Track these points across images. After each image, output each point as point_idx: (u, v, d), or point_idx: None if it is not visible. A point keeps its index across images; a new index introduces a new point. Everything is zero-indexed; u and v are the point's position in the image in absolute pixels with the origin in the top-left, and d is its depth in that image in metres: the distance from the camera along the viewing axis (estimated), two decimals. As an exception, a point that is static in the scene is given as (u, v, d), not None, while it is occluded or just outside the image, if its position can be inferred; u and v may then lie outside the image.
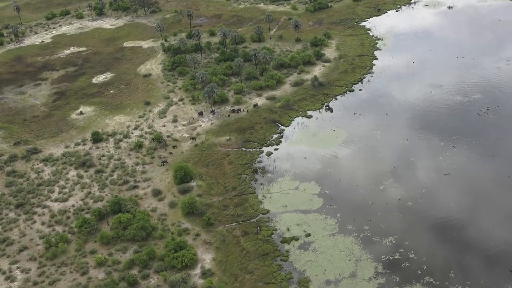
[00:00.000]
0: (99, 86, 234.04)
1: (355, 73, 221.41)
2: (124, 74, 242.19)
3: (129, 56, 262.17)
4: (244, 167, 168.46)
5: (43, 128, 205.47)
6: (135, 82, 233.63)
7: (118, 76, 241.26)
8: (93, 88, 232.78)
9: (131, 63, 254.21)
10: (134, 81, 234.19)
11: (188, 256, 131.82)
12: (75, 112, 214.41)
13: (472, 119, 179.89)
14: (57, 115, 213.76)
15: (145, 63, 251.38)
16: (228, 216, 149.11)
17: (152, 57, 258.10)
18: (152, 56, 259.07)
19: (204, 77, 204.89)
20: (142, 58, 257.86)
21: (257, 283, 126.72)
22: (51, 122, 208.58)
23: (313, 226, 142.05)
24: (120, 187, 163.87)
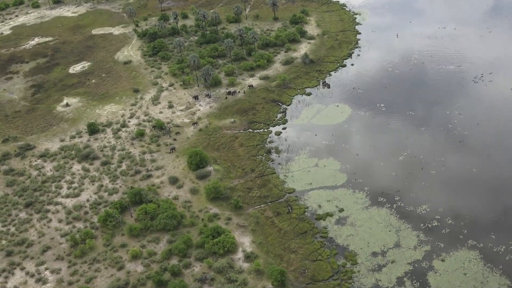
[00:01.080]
0: (78, 76, 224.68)
1: (343, 48, 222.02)
2: (102, 62, 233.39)
3: (101, 44, 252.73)
4: (257, 148, 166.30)
5: (30, 123, 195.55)
6: (116, 69, 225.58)
7: (96, 64, 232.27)
8: (72, 78, 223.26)
9: (106, 50, 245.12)
10: (115, 69, 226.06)
11: (228, 241, 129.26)
12: (60, 104, 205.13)
13: (470, 87, 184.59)
14: (41, 108, 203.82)
15: (122, 50, 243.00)
16: (255, 198, 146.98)
17: (127, 43, 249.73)
18: (126, 42, 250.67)
19: (197, 61, 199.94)
20: (117, 45, 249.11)
21: (304, 262, 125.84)
22: (37, 116, 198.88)
23: (343, 201, 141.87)
24: (132, 178, 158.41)
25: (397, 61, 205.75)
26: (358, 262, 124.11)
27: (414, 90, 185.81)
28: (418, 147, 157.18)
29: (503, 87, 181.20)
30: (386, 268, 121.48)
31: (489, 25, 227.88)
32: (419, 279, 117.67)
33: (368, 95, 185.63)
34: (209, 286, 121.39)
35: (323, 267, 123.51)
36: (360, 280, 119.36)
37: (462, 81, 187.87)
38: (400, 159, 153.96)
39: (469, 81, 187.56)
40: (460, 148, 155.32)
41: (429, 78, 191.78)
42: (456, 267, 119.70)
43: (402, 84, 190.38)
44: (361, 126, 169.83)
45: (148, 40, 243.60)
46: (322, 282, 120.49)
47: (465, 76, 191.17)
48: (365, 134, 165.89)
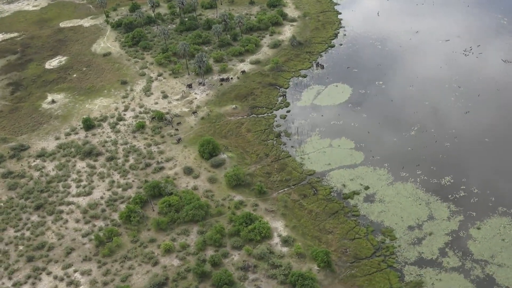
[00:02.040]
0: (57, 71, 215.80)
1: (327, 29, 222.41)
2: (80, 56, 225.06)
3: (74, 37, 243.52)
4: (265, 133, 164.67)
5: (16, 122, 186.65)
6: (96, 62, 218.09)
7: (74, 58, 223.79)
8: (51, 74, 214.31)
9: (80, 43, 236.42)
10: (95, 62, 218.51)
11: (264, 227, 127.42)
12: (44, 101, 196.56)
13: (462, 60, 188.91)
14: (25, 107, 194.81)
15: (97, 42, 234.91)
16: (276, 182, 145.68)
17: (101, 35, 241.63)
18: (100, 34, 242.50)
19: (187, 48, 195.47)
20: (90, 38, 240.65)
21: (342, 241, 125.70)
22: (22, 115, 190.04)
23: (367, 179, 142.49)
24: (144, 171, 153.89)
25: (384, 39, 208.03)
26: (396, 237, 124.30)
27: (407, 66, 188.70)
28: (427, 121, 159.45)
29: (494, 59, 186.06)
30: (426, 240, 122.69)
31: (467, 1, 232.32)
32: (460, 248, 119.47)
33: (364, 73, 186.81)
34: (253, 274, 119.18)
35: (363, 245, 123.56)
36: (403, 254, 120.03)
37: (453, 55, 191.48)
38: (412, 134, 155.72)
39: (460, 55, 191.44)
40: (467, 119, 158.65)
41: (420, 54, 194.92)
42: (492, 234, 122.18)
43: (395, 61, 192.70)
44: (365, 104, 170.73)
45: (124, 30, 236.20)
46: (366, 259, 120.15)
47: (455, 49, 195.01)
48: (371, 111, 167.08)
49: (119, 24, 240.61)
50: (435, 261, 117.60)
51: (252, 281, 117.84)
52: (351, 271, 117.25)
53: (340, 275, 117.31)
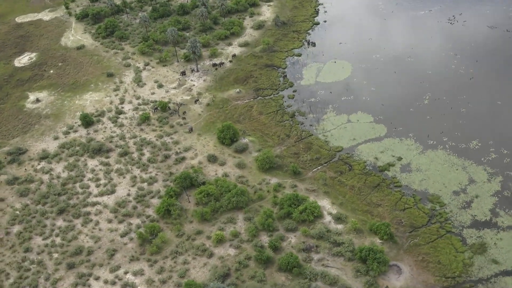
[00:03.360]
0: (30, 69, 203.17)
1: (306, 7, 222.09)
2: (50, 51, 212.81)
3: (36, 32, 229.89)
4: (278, 114, 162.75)
5: (3, 126, 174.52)
6: (71, 56, 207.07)
7: (45, 54, 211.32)
8: (24, 72, 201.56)
9: (45, 38, 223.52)
10: (70, 56, 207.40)
11: (315, 207, 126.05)
12: (27, 101, 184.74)
13: (450, 28, 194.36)
14: (6, 108, 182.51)
15: (64, 35, 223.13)
16: (307, 161, 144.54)
17: (66, 28, 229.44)
18: (65, 27, 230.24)
19: (175, 34, 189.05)
20: (55, 31, 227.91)
21: (394, 212, 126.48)
22: (7, 118, 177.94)
23: (396, 150, 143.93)
24: (165, 163, 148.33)
25: (366, 13, 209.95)
26: (445, 203, 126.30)
27: (398, 38, 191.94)
28: (437, 90, 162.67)
29: (479, 26, 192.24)
30: (474, 203, 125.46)
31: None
32: (510, 207, 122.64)
33: (357, 48, 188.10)
34: (316, 254, 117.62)
35: (415, 214, 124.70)
36: (457, 219, 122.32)
37: (439, 24, 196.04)
38: (426, 103, 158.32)
39: (446, 24, 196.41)
40: (474, 85, 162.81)
41: (407, 26, 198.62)
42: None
43: (384, 34, 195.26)
44: (370, 78, 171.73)
45: (91, 22, 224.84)
46: (423, 227, 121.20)
47: (439, 19, 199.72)
48: (378, 84, 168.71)
49: (85, 15, 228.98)
50: (490, 222, 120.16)
51: (318, 261, 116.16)
52: (414, 240, 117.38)
53: (404, 245, 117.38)
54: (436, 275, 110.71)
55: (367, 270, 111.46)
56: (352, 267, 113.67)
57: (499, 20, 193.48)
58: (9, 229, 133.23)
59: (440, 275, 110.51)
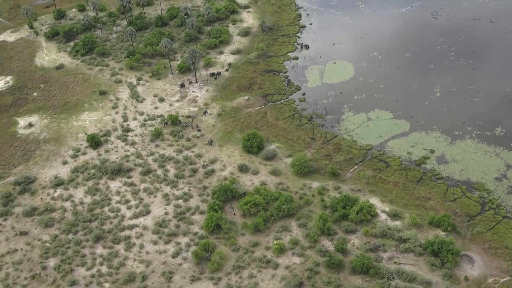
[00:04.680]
0: (10, 93, 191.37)
1: (286, 11, 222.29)
2: (27, 73, 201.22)
3: (4, 54, 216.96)
4: (296, 118, 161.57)
5: None
6: (52, 77, 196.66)
7: (21, 76, 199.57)
8: (4, 97, 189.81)
9: (16, 60, 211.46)
10: (50, 77, 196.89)
11: (370, 206, 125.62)
12: (17, 126, 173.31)
13: (436, 23, 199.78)
14: None
15: (37, 56, 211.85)
16: (341, 162, 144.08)
17: (36, 47, 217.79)
18: (35, 47, 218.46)
19: (169, 45, 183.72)
20: (25, 52, 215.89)
21: (445, 203, 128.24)
22: (0, 147, 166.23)
23: (426, 143, 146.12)
24: (195, 178, 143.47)
25: (350, 14, 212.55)
26: (491, 190, 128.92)
27: (390, 35, 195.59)
28: (444, 82, 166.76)
29: (463, 18, 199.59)
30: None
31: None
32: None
33: (353, 47, 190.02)
34: (384, 252, 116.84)
35: (467, 203, 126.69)
36: (508, 203, 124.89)
37: (425, 20, 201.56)
38: (438, 96, 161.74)
39: (430, 19, 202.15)
40: (478, 75, 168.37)
41: (393, 22, 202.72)
42: None
43: (374, 32, 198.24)
44: (375, 76, 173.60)
45: (64, 39, 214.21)
46: (478, 216, 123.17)
47: (423, 14, 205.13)
48: (385, 81, 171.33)
49: (55, 34, 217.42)
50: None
51: (389, 259, 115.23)
52: (476, 228, 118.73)
53: (467, 235, 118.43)
54: (508, 260, 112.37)
55: (442, 263, 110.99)
56: (425, 262, 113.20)
57: (480, 12, 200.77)
58: (44, 264, 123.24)
59: (511, 259, 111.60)
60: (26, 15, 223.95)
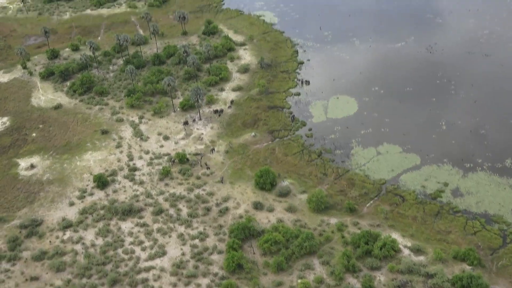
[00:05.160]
0: (8, 134, 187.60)
1: (283, 48, 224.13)
2: (24, 113, 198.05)
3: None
4: (305, 154, 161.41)
5: (1, 198, 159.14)
6: (51, 117, 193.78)
7: (18, 117, 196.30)
8: (2, 138, 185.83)
9: (12, 100, 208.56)
10: (49, 117, 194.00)
11: (393, 241, 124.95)
12: (18, 168, 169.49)
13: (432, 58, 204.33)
14: None
15: (33, 96, 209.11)
16: (356, 197, 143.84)
17: (32, 87, 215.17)
18: (30, 87, 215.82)
19: (172, 83, 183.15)
20: (21, 93, 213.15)
21: (466, 237, 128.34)
22: (2, 189, 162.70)
23: (439, 176, 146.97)
24: (209, 217, 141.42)
25: (345, 50, 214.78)
26: (510, 222, 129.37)
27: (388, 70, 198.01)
28: (449, 115, 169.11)
29: (458, 52, 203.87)
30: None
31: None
32: None
33: (353, 83, 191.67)
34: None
35: (488, 236, 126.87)
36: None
37: (420, 54, 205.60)
38: (444, 128, 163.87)
39: (426, 53, 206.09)
40: (481, 107, 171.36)
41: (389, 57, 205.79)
42: None
43: (372, 67, 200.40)
44: (379, 110, 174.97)
45: (60, 79, 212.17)
46: (501, 248, 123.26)
47: (418, 49, 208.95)
48: (390, 115, 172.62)
49: (50, 74, 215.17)
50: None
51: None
52: (500, 261, 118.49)
53: (492, 268, 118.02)
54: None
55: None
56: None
57: (473, 46, 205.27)
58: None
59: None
60: (21, 55, 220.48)
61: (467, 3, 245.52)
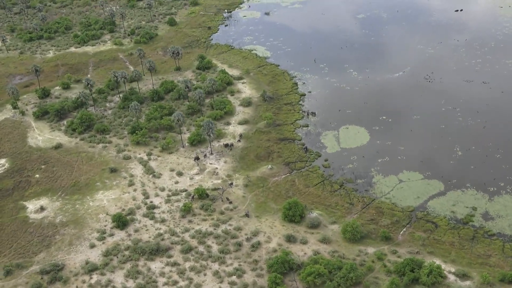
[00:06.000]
0: (9, 177, 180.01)
1: (281, 80, 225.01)
2: (22, 154, 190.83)
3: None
4: (326, 184, 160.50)
5: (12, 243, 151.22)
6: (53, 157, 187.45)
7: (17, 158, 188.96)
8: (3, 181, 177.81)
9: (7, 142, 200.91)
10: (50, 157, 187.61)
11: (438, 267, 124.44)
12: (27, 211, 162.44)
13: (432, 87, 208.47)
14: (5, 224, 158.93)
15: (29, 136, 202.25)
16: (388, 225, 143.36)
17: (26, 128, 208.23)
18: (24, 127, 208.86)
19: (181, 119, 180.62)
20: (15, 133, 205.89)
21: (507, 259, 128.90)
22: (13, 233, 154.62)
23: (466, 201, 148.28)
24: (241, 252, 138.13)
25: (344, 81, 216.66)
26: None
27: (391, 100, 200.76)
28: (462, 141, 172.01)
29: (456, 81, 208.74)
30: None
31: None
32: None
33: (360, 113, 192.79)
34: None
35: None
36: None
37: (420, 83, 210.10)
38: (460, 154, 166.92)
39: (425, 82, 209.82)
40: (491, 132, 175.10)
41: (390, 87, 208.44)
42: None
43: (375, 97, 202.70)
44: (392, 139, 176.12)
45: (56, 118, 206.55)
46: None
47: (416, 79, 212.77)
48: (404, 143, 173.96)
49: (45, 113, 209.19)
50: None
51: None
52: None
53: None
54: None
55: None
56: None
57: (470, 74, 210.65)
58: None
59: None
60: (12, 94, 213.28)
61: (454, 33, 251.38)
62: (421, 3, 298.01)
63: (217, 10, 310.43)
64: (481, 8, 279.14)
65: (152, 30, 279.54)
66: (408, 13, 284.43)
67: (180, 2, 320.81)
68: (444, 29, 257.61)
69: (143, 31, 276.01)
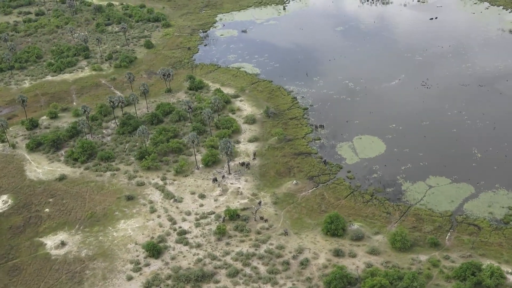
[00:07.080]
0: (15, 214, 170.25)
1: (279, 96, 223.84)
2: (24, 189, 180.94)
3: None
4: (357, 196, 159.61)
5: (40, 283, 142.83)
6: (59, 190, 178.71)
7: (20, 193, 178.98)
8: (11, 218, 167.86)
9: (4, 177, 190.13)
10: (56, 190, 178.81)
11: (498, 268, 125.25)
12: (46, 248, 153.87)
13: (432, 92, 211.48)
14: (26, 263, 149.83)
15: (28, 169, 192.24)
16: (432, 232, 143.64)
17: (21, 161, 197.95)
18: (19, 160, 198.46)
19: (196, 140, 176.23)
20: (10, 168, 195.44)
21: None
22: (38, 273, 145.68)
23: (500, 201, 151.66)
24: (291, 271, 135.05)
25: (344, 93, 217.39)
26: None
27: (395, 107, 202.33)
28: (477, 143, 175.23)
29: (452, 85, 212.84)
30: None
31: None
32: None
33: (368, 122, 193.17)
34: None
35: None
36: None
37: (418, 90, 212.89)
38: (480, 156, 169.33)
39: (423, 88, 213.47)
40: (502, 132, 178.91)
41: (390, 95, 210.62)
42: None
43: (379, 106, 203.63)
44: (408, 146, 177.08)
45: (53, 149, 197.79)
46: None
47: (414, 85, 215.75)
48: (422, 150, 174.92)
49: (38, 144, 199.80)
50: None
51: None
52: None
53: None
54: None
55: None
56: None
57: (464, 79, 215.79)
58: None
59: None
60: (1, 127, 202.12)
61: (437, 40, 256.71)
62: (395, 13, 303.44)
63: (192, 30, 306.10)
64: (454, 15, 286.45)
65: (130, 54, 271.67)
66: (385, 23, 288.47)
67: (152, 25, 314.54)
68: (424, 36, 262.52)
69: (122, 55, 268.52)
